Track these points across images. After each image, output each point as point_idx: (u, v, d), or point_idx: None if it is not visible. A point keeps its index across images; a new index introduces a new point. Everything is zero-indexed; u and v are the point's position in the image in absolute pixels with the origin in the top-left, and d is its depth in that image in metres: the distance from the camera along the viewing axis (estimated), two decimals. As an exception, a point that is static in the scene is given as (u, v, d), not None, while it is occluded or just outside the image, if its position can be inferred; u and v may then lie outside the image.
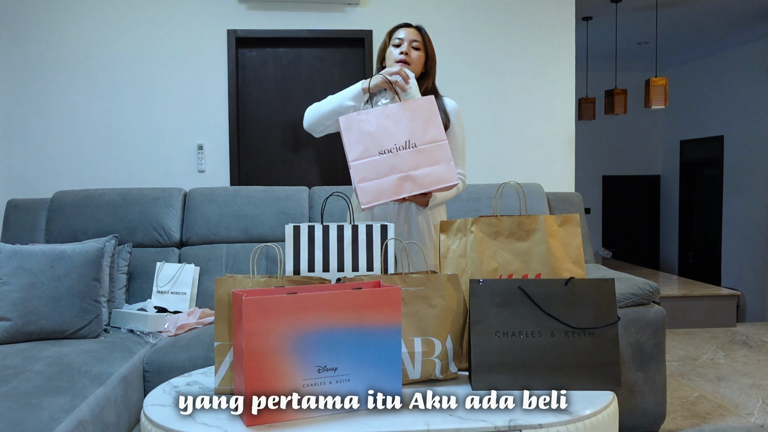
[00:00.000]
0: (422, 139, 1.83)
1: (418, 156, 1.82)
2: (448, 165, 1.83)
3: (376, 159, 1.82)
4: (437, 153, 1.83)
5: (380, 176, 1.81)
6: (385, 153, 1.82)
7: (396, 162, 1.81)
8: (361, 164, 1.82)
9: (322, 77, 3.75)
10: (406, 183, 1.81)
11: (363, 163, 1.82)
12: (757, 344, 4.17)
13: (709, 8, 5.39)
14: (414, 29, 2.13)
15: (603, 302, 1.53)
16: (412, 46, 2.09)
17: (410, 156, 1.82)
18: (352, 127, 1.84)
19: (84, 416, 1.76)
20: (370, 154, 1.82)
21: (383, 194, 1.81)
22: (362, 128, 1.84)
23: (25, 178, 3.51)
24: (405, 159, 1.82)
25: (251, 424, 1.26)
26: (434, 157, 1.83)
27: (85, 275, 2.40)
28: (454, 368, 1.57)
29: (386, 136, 1.83)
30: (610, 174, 8.05)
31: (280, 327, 1.27)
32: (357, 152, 1.82)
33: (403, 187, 1.81)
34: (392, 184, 1.81)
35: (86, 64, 3.53)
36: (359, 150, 1.82)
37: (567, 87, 3.80)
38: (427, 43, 2.14)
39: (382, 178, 1.81)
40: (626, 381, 2.49)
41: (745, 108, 6.34)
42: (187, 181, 3.58)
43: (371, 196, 1.81)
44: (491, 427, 1.27)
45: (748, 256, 6.29)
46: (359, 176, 1.81)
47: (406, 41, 2.09)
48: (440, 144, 1.84)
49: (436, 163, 1.83)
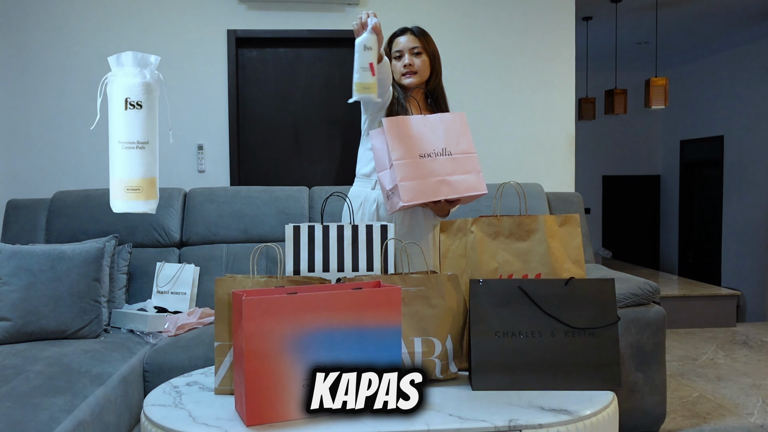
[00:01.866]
0: (456, 149, 1.92)
1: (453, 163, 1.90)
2: (478, 176, 1.92)
3: (417, 161, 1.88)
4: (469, 163, 1.92)
5: (421, 177, 1.87)
6: (425, 156, 1.89)
7: (435, 166, 1.89)
8: (403, 164, 1.87)
9: (322, 77, 3.75)
10: (444, 187, 1.88)
11: (405, 164, 1.87)
12: (757, 344, 4.17)
13: (709, 8, 5.39)
14: (411, 35, 2.11)
15: (603, 302, 1.53)
16: (413, 53, 2.09)
17: (446, 162, 1.90)
18: (394, 129, 1.90)
19: (84, 416, 1.76)
20: (411, 155, 1.88)
21: (423, 194, 1.87)
22: (404, 131, 1.90)
23: (25, 178, 3.51)
24: (442, 164, 1.89)
25: (251, 424, 1.26)
26: (466, 167, 1.92)
27: (85, 275, 2.40)
28: (454, 368, 1.57)
29: (426, 142, 1.90)
30: (610, 174, 8.05)
31: (280, 327, 1.27)
32: (399, 153, 1.88)
33: (440, 190, 1.88)
34: (432, 186, 1.88)
35: (86, 64, 3.53)
36: (401, 151, 1.88)
37: (567, 87, 3.80)
38: (429, 43, 2.13)
39: (423, 179, 1.87)
40: (626, 381, 2.49)
41: (745, 108, 6.34)
42: (187, 181, 3.58)
43: (412, 195, 1.85)
44: (491, 427, 1.27)
45: (748, 256, 6.29)
46: (401, 175, 1.86)
47: (406, 51, 2.09)
48: (472, 156, 1.93)
49: (468, 173, 1.91)
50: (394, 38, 2.13)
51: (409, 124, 1.90)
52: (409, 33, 2.11)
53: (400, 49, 2.10)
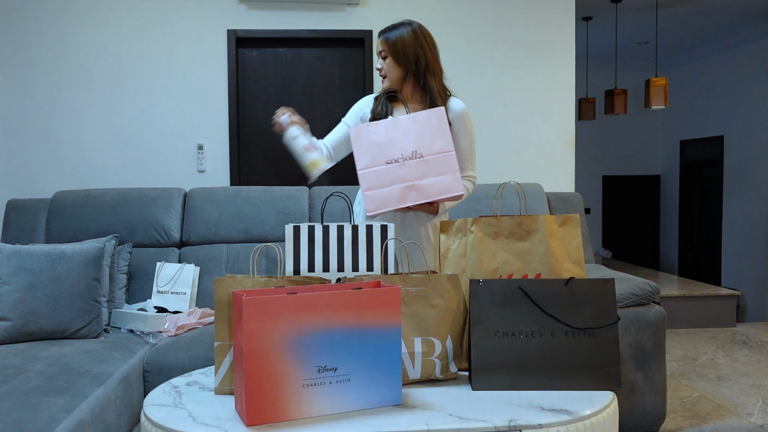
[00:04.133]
0: (429, 150, 1.88)
1: (424, 166, 1.87)
2: (453, 176, 1.87)
3: (382, 168, 1.87)
4: (443, 164, 1.88)
5: (386, 185, 1.86)
6: (391, 162, 1.87)
7: (402, 172, 1.87)
8: (368, 173, 1.87)
9: (322, 77, 3.75)
10: (411, 192, 1.86)
11: (370, 172, 1.87)
12: (757, 344, 4.17)
13: (709, 8, 5.39)
14: (379, 38, 2.07)
15: (603, 302, 1.53)
16: (381, 56, 2.08)
17: (416, 166, 1.87)
18: (361, 138, 1.89)
19: (84, 416, 1.76)
20: (377, 163, 1.87)
21: (388, 202, 1.86)
22: (371, 138, 1.89)
23: (25, 178, 3.51)
24: (411, 169, 1.87)
25: (251, 424, 1.26)
26: (440, 168, 1.87)
27: (85, 275, 2.40)
28: (454, 368, 1.57)
29: (394, 147, 1.88)
30: (610, 174, 8.05)
31: (280, 327, 1.27)
32: (365, 161, 1.88)
33: (407, 196, 1.86)
34: (397, 193, 1.86)
35: (86, 64, 3.53)
36: (367, 159, 1.88)
37: (567, 87, 3.80)
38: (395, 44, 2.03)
39: (388, 187, 1.86)
40: (626, 381, 2.49)
41: (745, 108, 6.34)
42: (187, 181, 3.58)
43: (376, 204, 1.86)
44: (491, 427, 1.27)
45: (748, 256, 6.29)
46: (366, 185, 1.87)
47: (378, 54, 2.09)
48: (447, 155, 1.88)
49: (442, 174, 1.87)
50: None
51: (378, 130, 1.89)
52: (380, 35, 2.07)
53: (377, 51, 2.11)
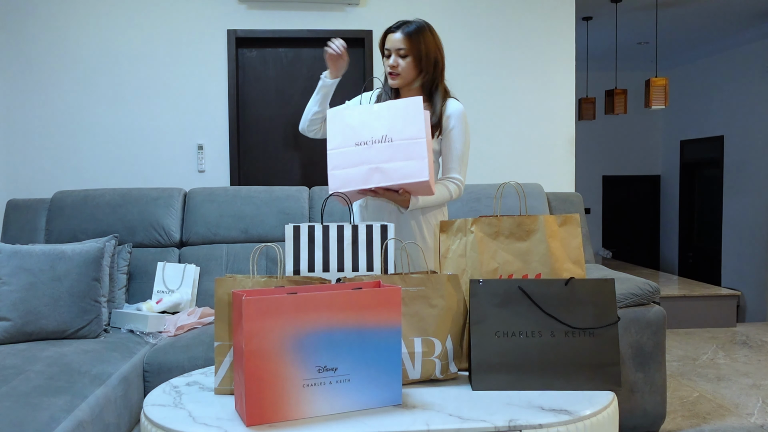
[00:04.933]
0: (400, 135, 1.86)
1: (391, 150, 1.86)
2: (420, 162, 1.84)
3: (350, 149, 1.87)
4: (412, 149, 1.85)
5: (351, 166, 1.86)
6: (360, 144, 1.87)
7: (369, 154, 1.86)
8: (336, 153, 1.88)
9: (322, 77, 3.75)
10: (375, 174, 1.85)
11: (337, 153, 1.88)
12: (757, 344, 4.17)
13: (709, 8, 5.39)
14: (400, 35, 2.04)
15: (603, 302, 1.53)
16: (399, 54, 2.05)
17: (384, 149, 1.86)
18: (336, 119, 1.91)
19: (84, 416, 1.76)
20: (346, 144, 1.88)
21: (350, 182, 1.86)
22: (345, 121, 1.90)
23: (25, 178, 3.51)
24: (378, 152, 1.86)
25: (251, 424, 1.26)
26: (407, 153, 1.85)
27: (85, 275, 2.40)
28: (454, 368, 1.57)
29: (366, 130, 1.88)
30: (610, 174, 8.05)
31: (280, 327, 1.27)
32: (335, 143, 1.89)
33: (371, 177, 1.86)
34: (361, 174, 1.86)
35: (86, 64, 3.54)
36: (338, 140, 1.89)
37: (567, 87, 3.80)
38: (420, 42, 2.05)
39: (353, 168, 1.86)
40: (626, 381, 2.49)
41: (745, 108, 6.34)
42: (187, 181, 3.58)
43: (339, 183, 1.87)
44: (491, 427, 1.27)
45: (748, 256, 6.29)
46: (332, 164, 1.88)
47: (393, 51, 2.06)
48: (417, 141, 1.85)
49: (408, 159, 1.85)
50: (386, 34, 2.08)
51: (353, 114, 1.89)
52: (400, 32, 2.05)
53: (388, 48, 2.06)
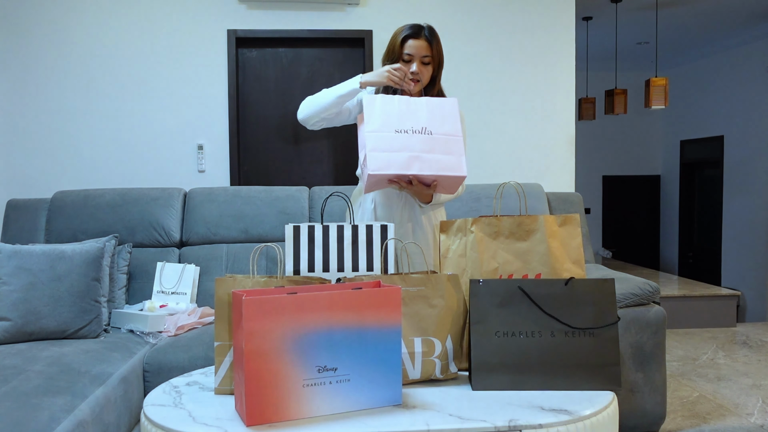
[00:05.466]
0: (439, 130, 1.87)
1: (431, 142, 1.85)
2: (459, 158, 1.85)
3: (390, 134, 1.84)
4: (451, 144, 1.86)
5: (392, 150, 1.83)
6: (401, 132, 1.85)
7: (410, 142, 1.84)
8: (375, 136, 1.84)
9: (322, 77, 3.75)
10: (416, 162, 1.83)
11: (377, 135, 1.84)
12: (757, 344, 4.17)
13: (709, 8, 5.39)
14: (424, 42, 2.02)
15: (603, 302, 1.53)
16: (423, 62, 2.03)
17: (425, 140, 1.85)
18: (375, 104, 1.87)
19: (84, 416, 1.76)
20: (386, 129, 1.85)
21: (391, 166, 1.82)
22: (384, 108, 1.87)
23: (25, 178, 3.51)
24: (419, 141, 1.85)
25: (251, 424, 1.26)
26: (447, 147, 1.86)
27: (85, 275, 2.40)
28: (454, 368, 1.57)
29: (405, 119, 1.86)
30: (610, 174, 8.05)
31: (280, 327, 1.27)
32: (375, 125, 1.84)
33: (411, 165, 1.83)
34: (402, 159, 1.83)
35: (86, 64, 3.54)
36: (377, 124, 1.85)
37: (567, 87, 3.80)
38: (438, 50, 2.06)
39: (394, 152, 1.83)
40: (626, 381, 2.49)
41: (745, 108, 6.34)
42: (187, 181, 3.58)
43: (380, 164, 1.81)
44: (491, 427, 1.27)
45: (748, 256, 6.29)
46: (372, 145, 1.82)
47: (417, 58, 2.02)
48: (455, 138, 1.87)
49: (448, 153, 1.86)
50: (407, 39, 2.03)
51: (391, 102, 1.87)
52: (423, 38, 2.02)
53: (410, 54, 2.02)
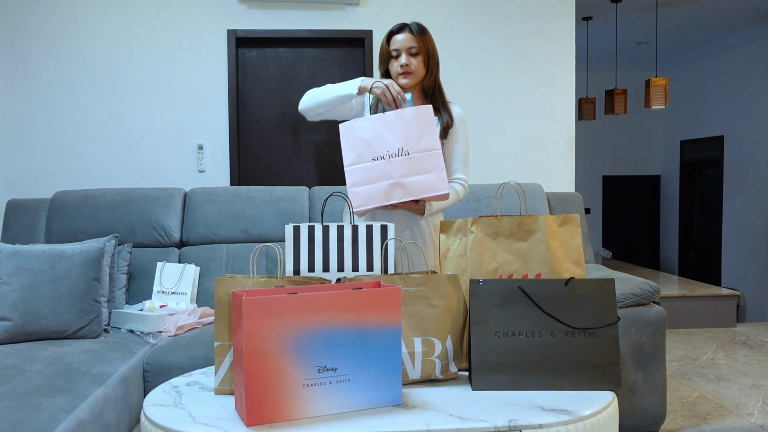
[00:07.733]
0: (416, 147, 1.88)
1: (410, 164, 1.87)
2: (439, 174, 1.87)
3: (368, 165, 1.88)
4: (429, 162, 1.87)
5: (371, 182, 1.87)
6: (377, 159, 1.87)
7: (388, 169, 1.87)
8: (354, 169, 1.88)
9: (322, 77, 3.75)
10: (396, 189, 1.87)
11: (356, 169, 1.88)
12: (757, 344, 4.17)
13: (709, 8, 5.39)
14: (408, 34, 2.05)
15: (603, 302, 1.53)
16: (410, 53, 2.05)
17: (402, 163, 1.87)
18: (349, 134, 1.90)
19: (84, 416, 1.76)
20: (363, 160, 1.88)
21: (373, 199, 1.87)
22: (358, 135, 1.89)
23: (25, 178, 3.51)
24: (397, 166, 1.87)
25: (251, 424, 1.26)
26: (426, 166, 1.87)
27: (85, 275, 2.40)
28: (454, 368, 1.57)
29: (380, 143, 1.88)
30: (610, 174, 8.05)
31: (280, 327, 1.27)
32: (351, 158, 1.89)
33: (393, 193, 1.87)
34: (382, 190, 1.87)
35: (86, 64, 3.53)
36: (354, 156, 1.89)
37: (567, 87, 3.80)
38: (427, 42, 2.08)
39: (373, 184, 1.87)
40: (626, 381, 2.49)
41: (745, 108, 6.34)
42: (187, 181, 3.58)
43: (361, 200, 1.87)
44: (491, 427, 1.27)
45: (748, 256, 6.29)
46: (351, 181, 1.88)
47: (403, 50, 2.05)
48: (433, 153, 1.88)
49: (427, 172, 1.87)
50: (391, 35, 2.08)
51: (365, 126, 1.89)
52: (408, 31, 2.06)
53: (397, 48, 2.05)
